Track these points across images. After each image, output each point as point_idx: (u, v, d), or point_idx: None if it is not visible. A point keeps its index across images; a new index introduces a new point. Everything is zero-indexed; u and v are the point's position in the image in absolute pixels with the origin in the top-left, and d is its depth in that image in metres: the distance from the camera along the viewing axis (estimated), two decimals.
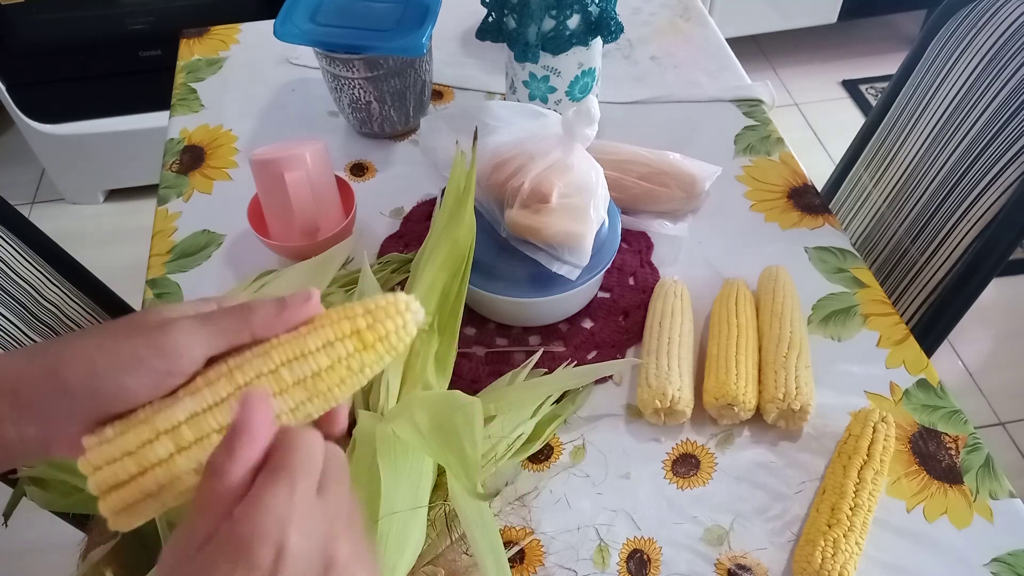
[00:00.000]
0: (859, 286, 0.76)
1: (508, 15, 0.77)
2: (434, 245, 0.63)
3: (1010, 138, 0.83)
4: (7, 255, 0.84)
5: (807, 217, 0.82)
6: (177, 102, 0.96)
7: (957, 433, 0.65)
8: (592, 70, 0.81)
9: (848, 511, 0.57)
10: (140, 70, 1.69)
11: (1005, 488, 0.62)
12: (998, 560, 0.58)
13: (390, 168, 0.88)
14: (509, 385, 0.65)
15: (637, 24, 1.07)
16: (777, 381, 0.64)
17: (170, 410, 0.36)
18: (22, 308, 0.84)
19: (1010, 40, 0.85)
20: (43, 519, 0.69)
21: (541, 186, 0.63)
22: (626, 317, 0.73)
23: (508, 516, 0.61)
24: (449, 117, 0.85)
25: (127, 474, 0.35)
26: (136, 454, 0.35)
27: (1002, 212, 0.84)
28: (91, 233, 1.87)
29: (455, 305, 0.61)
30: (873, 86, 2.25)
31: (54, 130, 1.72)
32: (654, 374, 0.64)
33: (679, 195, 0.79)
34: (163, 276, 0.77)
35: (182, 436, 0.35)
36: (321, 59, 0.84)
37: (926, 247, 0.93)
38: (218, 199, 0.85)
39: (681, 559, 0.59)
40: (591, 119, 0.63)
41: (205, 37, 1.06)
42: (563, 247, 0.64)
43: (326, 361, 0.37)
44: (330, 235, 0.73)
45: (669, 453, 0.65)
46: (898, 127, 1.00)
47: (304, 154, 0.70)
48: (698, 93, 0.96)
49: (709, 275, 0.77)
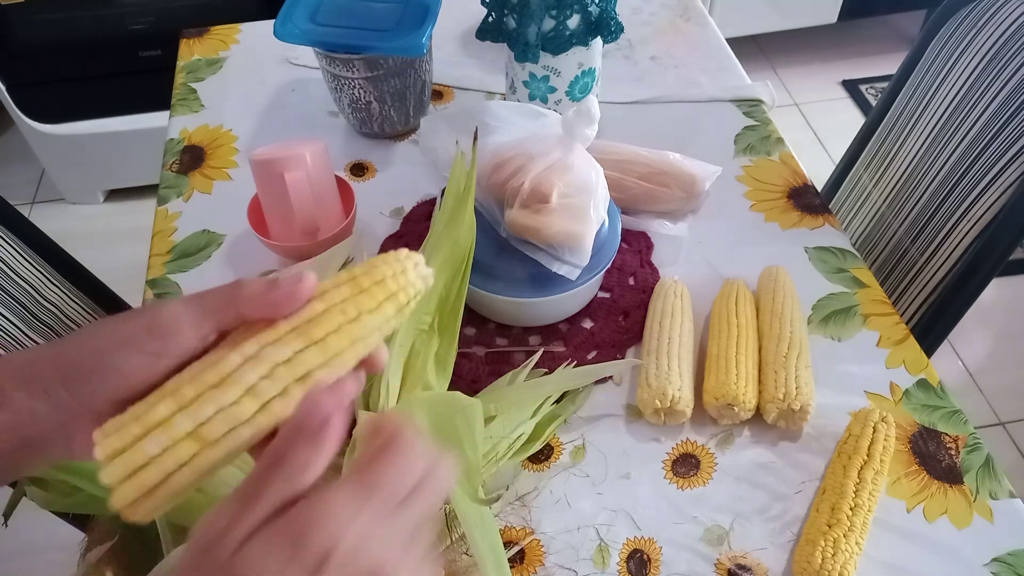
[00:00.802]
0: (859, 286, 0.76)
1: (508, 15, 0.77)
2: (434, 245, 0.63)
3: (1010, 138, 0.83)
4: (7, 255, 0.84)
5: (807, 217, 0.82)
6: (177, 102, 0.96)
7: (957, 433, 0.65)
8: (592, 70, 0.81)
9: (848, 511, 0.57)
10: (140, 70, 1.69)
11: (1005, 488, 0.62)
12: (998, 560, 0.58)
13: (390, 168, 0.88)
14: (509, 385, 0.65)
15: (637, 24, 1.07)
16: (777, 381, 0.64)
17: (180, 391, 0.35)
18: (22, 308, 0.84)
19: (1010, 40, 0.85)
20: (43, 519, 0.69)
21: (541, 186, 0.63)
22: (626, 317, 0.73)
23: (508, 516, 0.61)
24: (449, 117, 0.85)
25: (145, 456, 0.34)
26: (153, 435, 0.34)
27: (1002, 212, 0.84)
28: (91, 233, 1.87)
29: (455, 305, 0.61)
30: (873, 86, 2.25)
31: (54, 130, 1.72)
32: (654, 374, 0.64)
33: (679, 195, 0.79)
34: (163, 276, 0.77)
35: (199, 412, 0.34)
36: (321, 59, 0.84)
37: (926, 247, 0.93)
38: (218, 199, 0.85)
39: (681, 559, 0.59)
40: (591, 119, 0.63)
41: (205, 37, 1.06)
42: (563, 247, 0.64)
43: (320, 307, 0.36)
44: (330, 235, 0.73)
45: (669, 453, 0.65)
46: (898, 127, 1.00)
47: (304, 154, 0.70)
48: (698, 93, 0.96)
49: (709, 275, 0.77)
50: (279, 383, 0.35)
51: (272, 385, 0.35)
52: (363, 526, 0.30)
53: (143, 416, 0.34)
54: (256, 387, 0.35)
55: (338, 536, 0.29)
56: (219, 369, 0.35)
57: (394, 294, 0.37)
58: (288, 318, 0.36)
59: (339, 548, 0.29)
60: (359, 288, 0.37)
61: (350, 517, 0.30)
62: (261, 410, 0.34)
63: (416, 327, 0.60)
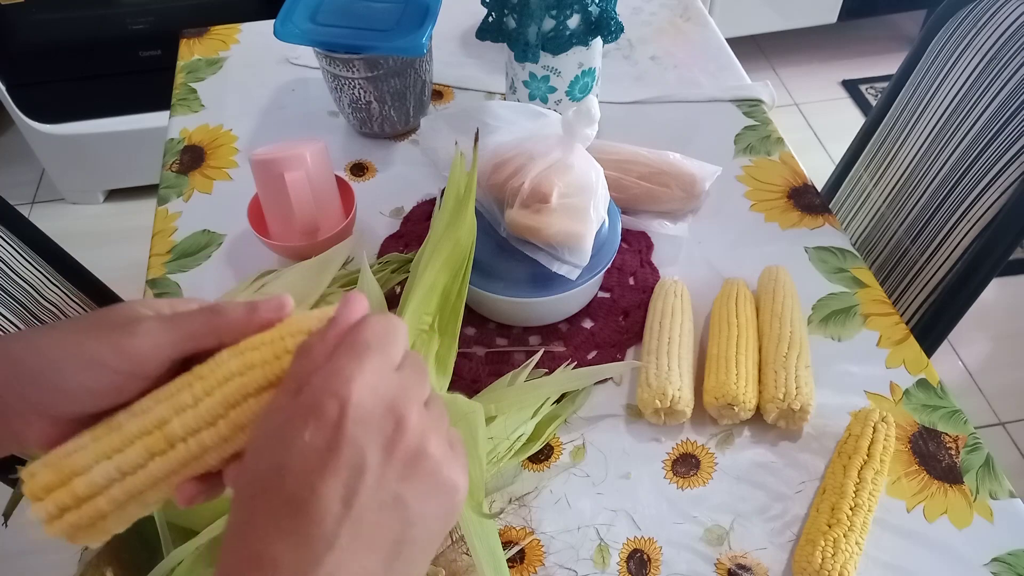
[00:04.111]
0: (859, 286, 0.76)
1: (508, 15, 0.77)
2: (435, 245, 0.63)
3: (1010, 138, 0.83)
4: (7, 255, 0.84)
5: (807, 217, 0.82)
6: (177, 102, 0.96)
7: (957, 433, 0.65)
8: (592, 70, 0.81)
9: (848, 511, 0.57)
10: (140, 70, 1.69)
11: (1005, 488, 0.62)
12: (998, 560, 0.58)
13: (390, 168, 0.88)
14: (509, 385, 0.65)
15: (637, 24, 1.07)
16: (777, 381, 0.64)
17: (117, 432, 0.34)
18: (22, 308, 0.84)
19: (1010, 40, 0.85)
20: None
21: (541, 186, 0.63)
22: (626, 317, 0.73)
23: (508, 516, 0.61)
24: (449, 117, 0.85)
25: (73, 498, 0.34)
26: (84, 475, 0.34)
27: (1002, 212, 0.84)
28: (91, 233, 1.87)
29: (456, 306, 0.61)
30: (873, 86, 2.25)
31: (54, 130, 1.72)
32: (654, 374, 0.64)
33: (679, 195, 0.79)
34: (163, 276, 0.77)
35: (127, 458, 0.34)
36: (321, 59, 0.84)
37: (926, 247, 0.93)
38: (218, 199, 0.85)
39: (681, 559, 0.59)
40: (591, 119, 0.63)
41: (205, 37, 1.06)
42: (563, 247, 0.64)
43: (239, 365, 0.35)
44: (330, 235, 0.73)
45: (669, 453, 0.65)
46: (898, 127, 1.00)
47: (304, 154, 0.70)
48: (698, 93, 0.96)
49: (709, 275, 0.77)
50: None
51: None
52: (368, 378, 0.32)
53: (72, 455, 0.34)
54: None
55: (347, 391, 0.31)
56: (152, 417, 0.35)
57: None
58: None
59: (351, 398, 0.31)
60: (275, 355, 0.36)
61: (351, 374, 0.31)
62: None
63: (416, 327, 0.60)
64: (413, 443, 0.32)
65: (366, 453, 0.30)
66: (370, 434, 0.31)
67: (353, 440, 0.30)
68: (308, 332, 0.35)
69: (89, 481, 0.34)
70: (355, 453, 0.30)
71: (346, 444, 0.30)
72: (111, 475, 0.34)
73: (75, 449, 0.35)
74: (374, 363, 0.32)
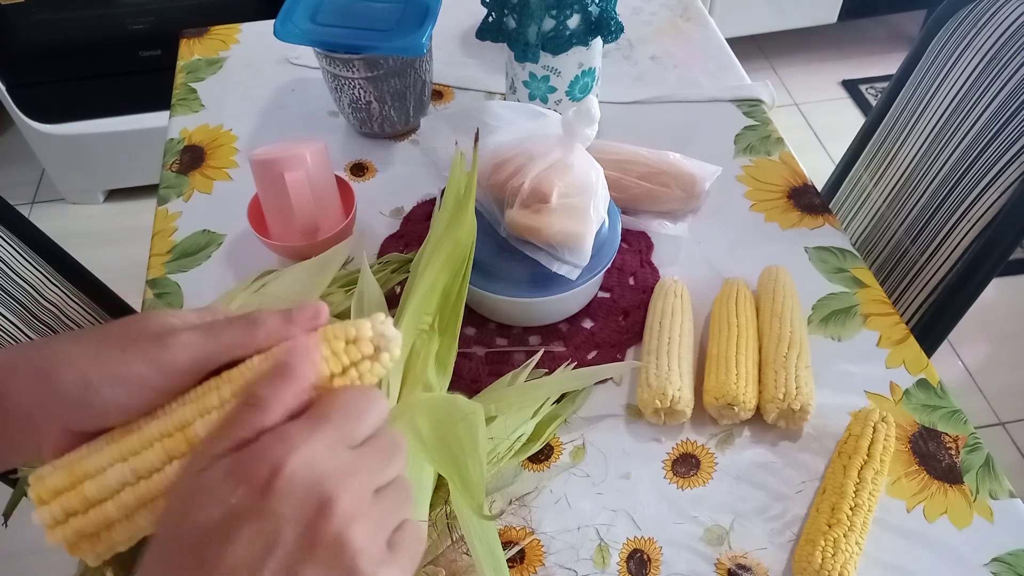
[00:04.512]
0: (859, 286, 0.76)
1: (508, 15, 0.77)
2: (435, 245, 0.63)
3: (1010, 138, 0.83)
4: (7, 255, 0.84)
5: (807, 217, 0.82)
6: (177, 102, 0.96)
7: (957, 433, 0.65)
8: (592, 70, 0.81)
9: (848, 511, 0.57)
10: (140, 70, 1.69)
11: (1005, 488, 0.62)
12: (998, 560, 0.58)
13: (390, 168, 0.88)
14: (509, 385, 0.65)
15: (637, 24, 1.07)
16: (777, 381, 0.64)
17: (136, 434, 0.34)
18: (22, 308, 0.84)
19: (1010, 40, 0.85)
20: None
21: (541, 186, 0.63)
22: (626, 317, 0.73)
23: (508, 516, 0.61)
24: (449, 117, 0.85)
25: (82, 502, 0.34)
26: (96, 478, 0.34)
27: (1002, 212, 0.84)
28: (91, 233, 1.87)
29: (456, 306, 0.61)
30: (873, 86, 2.25)
31: (54, 130, 1.73)
32: (654, 374, 0.64)
33: (679, 195, 0.79)
34: (163, 276, 0.77)
35: (145, 460, 0.34)
36: (321, 59, 0.84)
37: (926, 247, 0.93)
38: (218, 199, 0.85)
39: (681, 559, 0.59)
40: (591, 119, 0.63)
41: (205, 37, 1.06)
42: (563, 247, 0.64)
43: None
44: (330, 235, 0.73)
45: (669, 453, 0.65)
46: (898, 127, 1.00)
47: (304, 154, 0.70)
48: (698, 93, 0.96)
49: (709, 275, 0.77)
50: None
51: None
52: (311, 451, 0.31)
53: (86, 458, 0.34)
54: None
55: (283, 459, 0.30)
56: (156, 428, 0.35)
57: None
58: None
59: (284, 471, 0.30)
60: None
61: (297, 443, 0.31)
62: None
63: (417, 327, 0.60)
64: (333, 529, 0.30)
65: (282, 528, 0.30)
66: (293, 509, 0.30)
67: (273, 512, 0.30)
68: (345, 339, 0.35)
69: (101, 484, 0.34)
70: (272, 527, 0.30)
71: (267, 515, 0.30)
72: (125, 478, 0.34)
73: (89, 452, 0.34)
74: (325, 436, 0.31)
